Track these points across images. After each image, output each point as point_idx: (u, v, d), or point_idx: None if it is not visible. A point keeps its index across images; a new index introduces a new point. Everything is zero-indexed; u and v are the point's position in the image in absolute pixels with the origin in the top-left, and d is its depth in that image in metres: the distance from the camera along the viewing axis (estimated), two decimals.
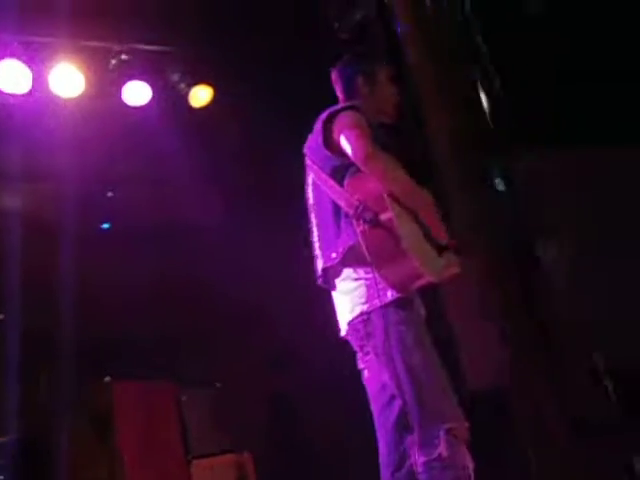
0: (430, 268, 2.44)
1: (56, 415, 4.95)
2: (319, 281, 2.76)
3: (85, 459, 5.20)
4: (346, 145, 2.56)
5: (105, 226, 5.54)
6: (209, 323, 6.16)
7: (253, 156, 5.09)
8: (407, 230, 2.43)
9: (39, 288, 5.03)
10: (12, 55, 4.18)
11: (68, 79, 4.41)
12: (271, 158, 4.91)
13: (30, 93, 4.36)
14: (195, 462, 5.39)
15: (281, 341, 6.74)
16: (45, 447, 4.95)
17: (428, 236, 2.54)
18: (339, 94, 2.94)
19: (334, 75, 2.96)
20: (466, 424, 2.46)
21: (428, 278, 2.45)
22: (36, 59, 4.31)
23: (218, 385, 5.90)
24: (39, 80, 4.36)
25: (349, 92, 2.88)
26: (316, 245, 2.76)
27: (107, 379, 5.23)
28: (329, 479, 5.75)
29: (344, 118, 2.66)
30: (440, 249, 2.56)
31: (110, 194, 5.43)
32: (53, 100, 4.48)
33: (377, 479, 2.65)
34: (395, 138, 2.78)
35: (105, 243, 5.51)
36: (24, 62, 4.24)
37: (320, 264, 2.71)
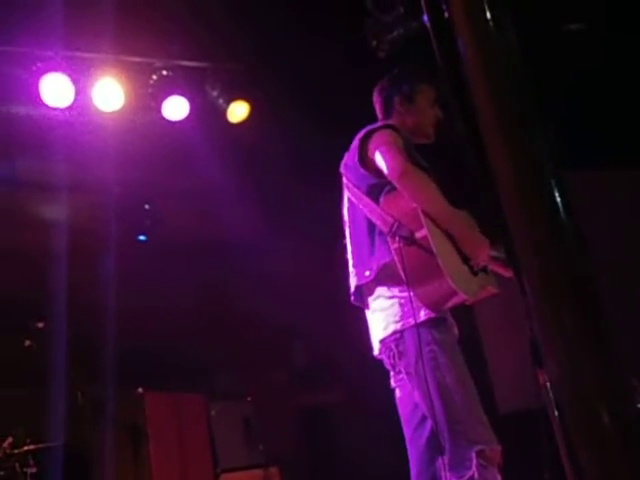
0: (464, 287, 2.43)
1: (94, 423, 5.02)
2: (352, 299, 2.76)
3: (118, 467, 5.25)
4: (381, 163, 2.57)
5: (142, 238, 5.60)
6: (242, 337, 6.18)
7: (290, 172, 5.11)
8: (442, 248, 2.42)
9: (82, 298, 5.12)
10: (56, 69, 4.27)
11: (110, 93, 4.48)
12: (308, 174, 4.94)
13: (72, 106, 4.44)
14: (223, 476, 5.40)
15: (313, 357, 6.74)
16: (82, 454, 5.02)
17: (463, 255, 2.52)
18: (378, 113, 2.95)
19: (374, 94, 2.98)
20: (498, 447, 2.43)
21: (462, 297, 2.43)
22: (79, 73, 4.40)
23: (249, 399, 5.91)
24: (82, 94, 4.44)
25: (387, 112, 2.90)
26: (350, 263, 2.76)
27: (140, 390, 5.28)
28: None
29: (380, 136, 2.67)
30: (476, 269, 2.55)
31: (147, 206, 5.49)
32: (95, 114, 4.56)
33: None
34: (435, 158, 2.77)
35: (142, 256, 5.58)
36: (68, 76, 4.32)
37: (354, 282, 2.71)
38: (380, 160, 2.58)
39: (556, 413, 2.34)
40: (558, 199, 1.43)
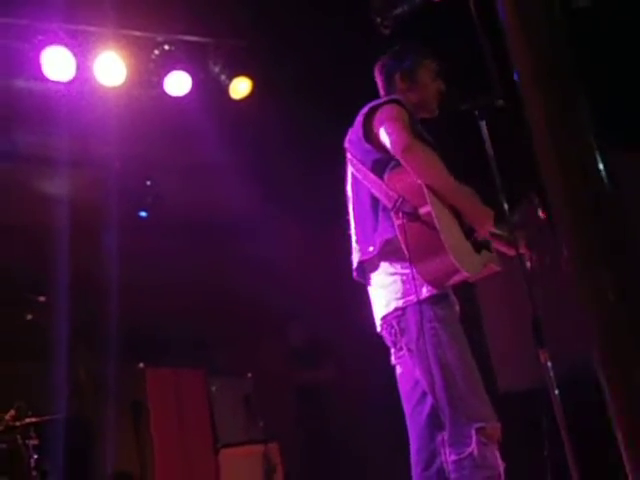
0: (467, 264, 2.42)
1: (95, 397, 5.05)
2: (355, 275, 2.76)
3: (118, 441, 5.30)
4: (385, 138, 2.56)
5: (142, 214, 5.59)
6: (240, 315, 6.20)
7: (292, 148, 5.09)
8: (445, 225, 2.41)
9: (84, 273, 5.12)
10: (58, 42, 4.24)
11: (111, 68, 4.45)
12: (310, 151, 4.92)
13: (74, 80, 4.41)
14: (223, 450, 5.44)
15: (310, 335, 6.77)
16: (84, 427, 5.07)
17: (467, 232, 2.52)
18: (380, 90, 2.93)
19: (376, 70, 2.96)
20: (498, 424, 2.45)
21: (464, 274, 2.43)
22: (81, 47, 4.36)
23: (249, 375, 5.94)
24: (83, 68, 4.41)
25: (389, 88, 2.88)
26: (353, 239, 2.76)
27: (141, 365, 5.31)
28: (357, 472, 5.76)
29: (385, 111, 2.65)
30: (479, 246, 2.54)
31: (148, 183, 5.48)
32: (96, 88, 4.53)
33: (406, 475, 2.65)
34: (439, 133, 2.76)
35: (143, 232, 5.58)
36: (69, 49, 4.29)
37: (357, 257, 2.70)
38: (384, 135, 2.57)
39: (556, 392, 2.36)
40: (599, 165, 1.42)
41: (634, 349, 1.42)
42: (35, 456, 4.26)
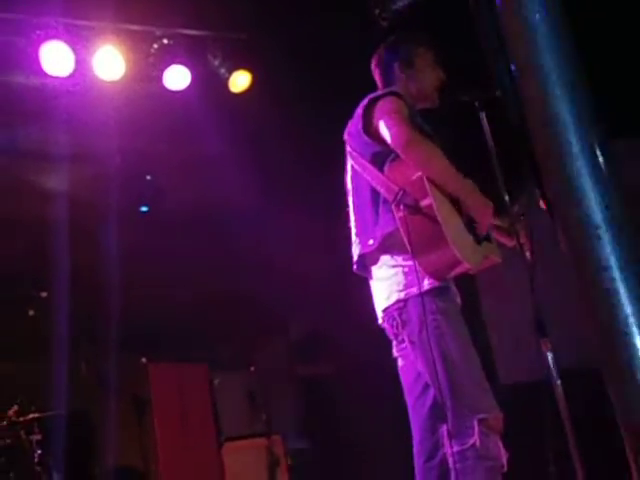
0: (468, 256, 2.42)
1: (98, 392, 5.06)
2: (355, 268, 2.76)
3: (121, 436, 5.31)
4: (385, 132, 2.55)
5: (143, 209, 5.59)
6: (243, 308, 6.20)
7: (292, 142, 5.08)
8: (447, 217, 2.41)
9: (84, 269, 5.12)
10: (56, 37, 4.22)
11: (110, 62, 4.44)
12: (311, 143, 4.91)
13: (73, 75, 4.40)
14: (227, 444, 5.46)
15: (314, 327, 6.77)
16: (86, 422, 5.08)
17: (468, 224, 2.52)
18: (378, 83, 2.92)
19: (372, 64, 2.94)
20: (500, 415, 2.45)
21: (465, 266, 2.43)
22: (79, 42, 4.35)
23: (252, 369, 5.95)
24: (82, 63, 4.39)
25: (388, 80, 2.86)
26: (353, 232, 2.76)
27: (143, 360, 5.31)
28: (360, 464, 5.77)
29: (384, 104, 2.64)
30: (480, 238, 2.54)
31: (149, 177, 5.48)
32: (95, 83, 4.52)
33: (409, 467, 2.66)
34: (439, 124, 2.75)
35: (144, 226, 5.58)
36: (68, 44, 4.28)
37: (357, 251, 2.70)
38: (384, 129, 2.55)
39: (559, 382, 2.36)
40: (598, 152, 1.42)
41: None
42: (39, 451, 4.27)
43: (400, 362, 2.72)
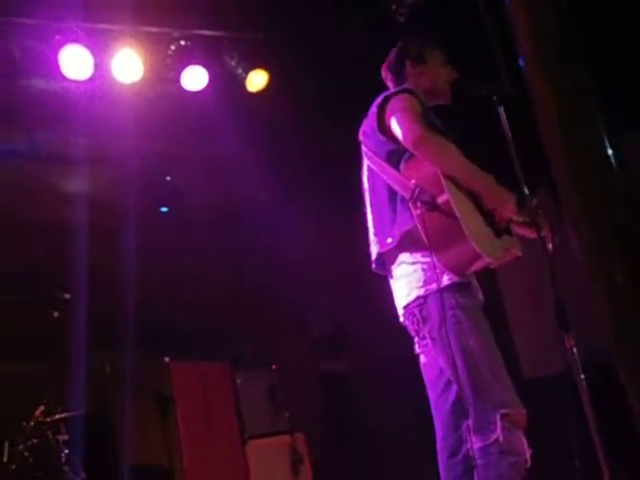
0: (488, 250, 2.41)
1: (122, 392, 5.11)
2: (374, 267, 2.76)
3: (145, 435, 5.36)
4: (397, 129, 2.55)
5: (164, 210, 5.63)
6: (264, 306, 6.23)
7: (310, 140, 5.09)
8: (465, 212, 2.40)
9: (105, 270, 5.17)
10: (75, 41, 4.27)
11: (129, 65, 4.48)
12: (328, 142, 4.92)
13: (92, 79, 4.44)
14: (251, 442, 5.48)
15: (335, 324, 6.78)
16: (112, 422, 5.13)
17: (487, 218, 2.51)
18: (390, 87, 2.91)
19: (383, 71, 2.95)
20: (523, 410, 2.44)
21: (485, 260, 2.42)
22: (98, 45, 4.39)
23: (274, 367, 5.97)
24: (101, 66, 4.44)
25: (399, 79, 2.87)
26: (371, 231, 2.75)
27: (166, 359, 5.35)
28: (383, 461, 5.77)
29: (396, 101, 2.64)
30: (499, 231, 2.53)
31: (168, 178, 5.51)
32: (114, 86, 4.56)
33: (432, 463, 2.66)
34: (453, 122, 2.75)
35: (164, 227, 5.62)
36: (87, 48, 4.32)
37: (375, 249, 2.70)
38: (396, 126, 2.55)
39: (582, 376, 2.35)
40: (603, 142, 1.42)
41: None
42: (66, 451, 4.32)
43: (422, 359, 2.71)
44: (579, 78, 1.47)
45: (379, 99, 2.71)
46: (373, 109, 2.73)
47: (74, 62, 4.32)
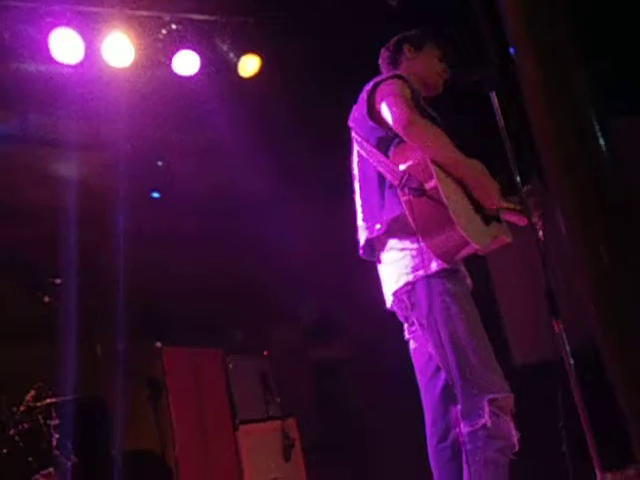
0: (476, 236, 2.41)
1: (113, 377, 5.11)
2: (361, 253, 2.76)
3: (137, 420, 5.36)
4: (387, 114, 2.54)
5: (155, 195, 5.61)
6: (255, 293, 6.22)
7: (302, 125, 5.07)
8: (453, 198, 2.40)
9: (97, 255, 5.16)
10: (65, 24, 4.23)
11: (120, 49, 4.44)
12: (320, 128, 4.90)
13: (83, 62, 4.40)
14: (242, 427, 5.49)
15: (326, 311, 6.80)
16: (103, 406, 5.13)
17: (475, 204, 2.50)
18: (384, 62, 2.91)
19: (381, 53, 2.95)
20: (511, 395, 2.45)
21: (474, 247, 2.42)
22: (89, 29, 4.35)
23: (265, 353, 5.98)
24: (91, 49, 4.40)
25: (394, 62, 2.87)
26: (360, 217, 2.75)
27: (158, 344, 5.35)
28: (373, 446, 5.81)
29: (386, 87, 2.63)
30: (488, 218, 2.53)
31: (160, 163, 5.49)
32: (105, 70, 4.53)
33: (421, 448, 2.67)
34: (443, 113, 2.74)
35: (156, 212, 5.60)
36: (77, 31, 4.28)
37: (364, 235, 2.70)
38: (385, 111, 2.55)
39: (572, 361, 2.36)
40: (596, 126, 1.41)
41: (628, 308, 1.43)
42: (56, 436, 4.32)
43: (412, 344, 2.72)
44: (568, 55, 1.47)
45: (369, 85, 2.71)
46: (363, 95, 2.72)
47: (64, 45, 4.28)
